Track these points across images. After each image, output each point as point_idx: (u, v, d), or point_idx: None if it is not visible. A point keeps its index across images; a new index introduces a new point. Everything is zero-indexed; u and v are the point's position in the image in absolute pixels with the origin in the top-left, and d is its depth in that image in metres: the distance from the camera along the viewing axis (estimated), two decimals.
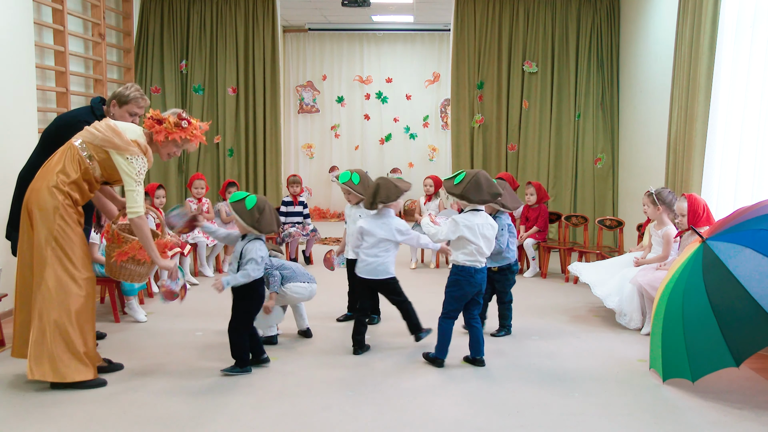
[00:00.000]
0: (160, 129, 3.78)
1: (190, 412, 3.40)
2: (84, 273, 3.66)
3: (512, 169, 8.07)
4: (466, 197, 4.00)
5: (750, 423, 3.34)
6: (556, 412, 3.45)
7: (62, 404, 3.47)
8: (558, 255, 7.12)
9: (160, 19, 8.08)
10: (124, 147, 3.64)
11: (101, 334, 4.55)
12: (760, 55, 4.98)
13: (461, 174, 4.06)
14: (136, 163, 3.66)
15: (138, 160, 3.67)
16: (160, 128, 3.78)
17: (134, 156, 3.66)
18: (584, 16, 7.96)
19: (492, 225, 4.09)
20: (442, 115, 11.20)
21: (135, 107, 4.22)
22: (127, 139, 3.66)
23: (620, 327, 4.94)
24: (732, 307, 3.46)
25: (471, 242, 4.00)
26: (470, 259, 4.02)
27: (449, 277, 4.12)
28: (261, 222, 3.87)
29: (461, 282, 4.05)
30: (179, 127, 3.82)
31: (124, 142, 3.65)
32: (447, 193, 4.12)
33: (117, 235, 3.89)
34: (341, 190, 5.00)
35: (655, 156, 6.71)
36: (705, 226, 4.36)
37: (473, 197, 3.99)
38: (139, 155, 3.67)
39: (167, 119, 3.81)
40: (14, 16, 5.23)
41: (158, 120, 3.80)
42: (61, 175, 3.61)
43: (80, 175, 3.65)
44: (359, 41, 11.22)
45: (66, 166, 3.63)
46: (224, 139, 8.24)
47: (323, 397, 3.62)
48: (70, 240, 3.62)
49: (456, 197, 4.07)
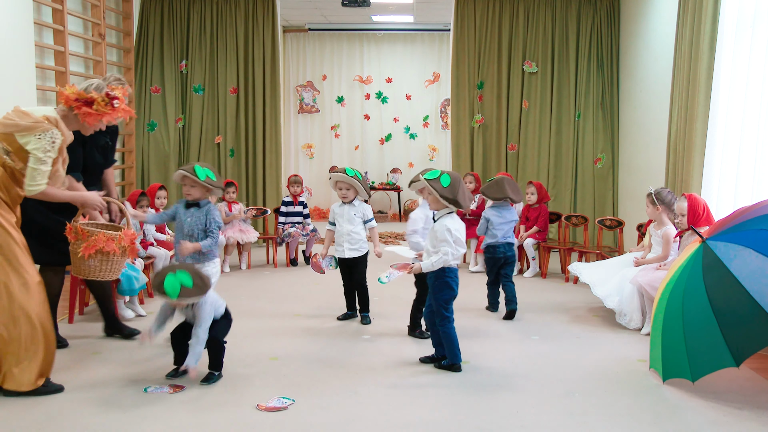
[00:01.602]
0: (88, 111, 3.61)
1: (189, 412, 3.40)
2: (35, 276, 3.58)
3: (512, 169, 8.07)
4: (455, 202, 3.88)
5: (750, 423, 3.34)
6: (556, 412, 3.45)
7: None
8: (558, 255, 7.12)
9: (160, 19, 8.08)
10: (31, 126, 3.45)
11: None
12: (760, 55, 4.98)
13: (445, 176, 3.90)
14: (46, 138, 3.46)
15: (48, 134, 3.47)
16: (91, 110, 3.61)
17: (45, 131, 3.46)
18: (584, 16, 7.96)
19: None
20: (442, 115, 11.21)
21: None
22: (35, 117, 3.49)
23: (620, 327, 4.94)
24: (732, 307, 3.46)
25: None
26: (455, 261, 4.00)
27: (434, 282, 4.01)
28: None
29: (451, 283, 4.01)
30: (111, 107, 3.65)
31: (32, 120, 3.47)
32: (432, 190, 3.90)
33: (81, 231, 3.82)
34: (340, 186, 5.00)
35: (655, 156, 6.71)
36: (705, 226, 4.36)
37: (463, 203, 3.90)
38: (49, 129, 3.48)
39: (96, 99, 3.62)
40: (14, 16, 5.22)
41: (86, 101, 3.62)
42: None
43: (2, 171, 3.48)
44: (359, 41, 11.23)
45: None
46: (225, 139, 8.24)
47: (323, 397, 3.62)
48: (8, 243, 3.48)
49: (444, 200, 3.88)
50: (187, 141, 8.25)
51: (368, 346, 4.50)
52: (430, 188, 3.89)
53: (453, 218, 3.96)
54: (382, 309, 5.29)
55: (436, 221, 3.99)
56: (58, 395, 3.58)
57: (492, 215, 5.37)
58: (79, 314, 5.13)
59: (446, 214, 3.96)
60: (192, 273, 3.57)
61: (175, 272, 3.54)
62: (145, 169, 8.11)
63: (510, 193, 5.42)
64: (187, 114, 8.23)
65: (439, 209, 3.98)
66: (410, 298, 4.74)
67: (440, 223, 3.94)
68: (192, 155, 8.23)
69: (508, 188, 5.44)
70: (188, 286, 3.53)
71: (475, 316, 5.25)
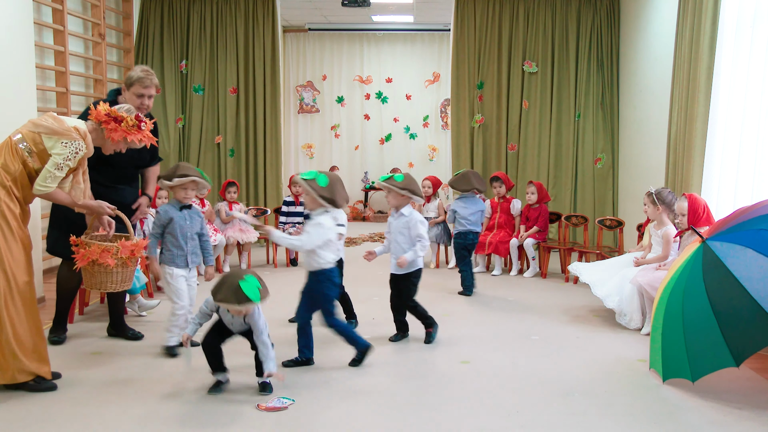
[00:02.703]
0: (116, 127, 3.76)
1: (189, 412, 3.41)
2: (23, 276, 3.58)
3: (512, 169, 8.08)
4: (333, 201, 3.99)
5: (750, 423, 3.34)
6: (556, 412, 3.45)
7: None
8: (558, 255, 7.12)
9: (160, 19, 8.09)
10: (61, 132, 3.58)
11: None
12: (760, 55, 4.98)
13: (322, 176, 4.00)
14: (71, 148, 3.58)
15: (73, 144, 3.59)
16: (117, 126, 3.76)
17: (71, 140, 3.59)
18: (584, 16, 7.96)
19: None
20: (442, 115, 11.21)
21: (140, 87, 4.31)
22: (66, 126, 3.62)
23: (620, 327, 4.94)
24: (732, 307, 3.46)
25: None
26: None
27: (319, 284, 4.03)
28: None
29: (335, 280, 4.10)
30: (137, 129, 3.82)
31: (63, 128, 3.60)
32: (310, 189, 3.95)
33: (81, 242, 3.89)
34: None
35: (655, 156, 6.71)
36: (705, 227, 4.35)
37: (340, 202, 4.03)
38: (76, 140, 3.60)
39: (126, 119, 3.79)
40: (14, 16, 5.22)
41: (115, 118, 3.77)
42: (2, 170, 3.52)
43: (21, 168, 3.56)
44: (359, 41, 11.23)
45: (7, 161, 3.54)
46: (225, 139, 8.24)
47: (323, 397, 3.62)
48: (8, 240, 3.52)
49: (322, 199, 3.96)
50: (187, 141, 8.25)
51: None
52: (306, 188, 3.95)
53: (327, 216, 4.01)
54: (382, 309, 5.28)
55: (312, 219, 4.04)
56: (58, 395, 3.58)
57: (459, 207, 6.08)
58: (79, 314, 5.13)
59: (322, 213, 4.02)
60: (258, 278, 3.52)
61: (244, 278, 3.45)
62: None
63: (476, 184, 6.12)
64: (187, 114, 8.24)
65: (315, 208, 4.03)
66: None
67: (316, 220, 4.01)
68: (192, 155, 8.23)
69: (474, 180, 6.13)
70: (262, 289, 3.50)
71: (475, 316, 5.25)
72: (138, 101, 4.30)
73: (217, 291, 3.47)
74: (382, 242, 8.78)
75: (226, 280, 3.47)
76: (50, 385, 3.64)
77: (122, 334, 4.61)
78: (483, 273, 6.86)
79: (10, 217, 3.52)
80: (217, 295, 3.46)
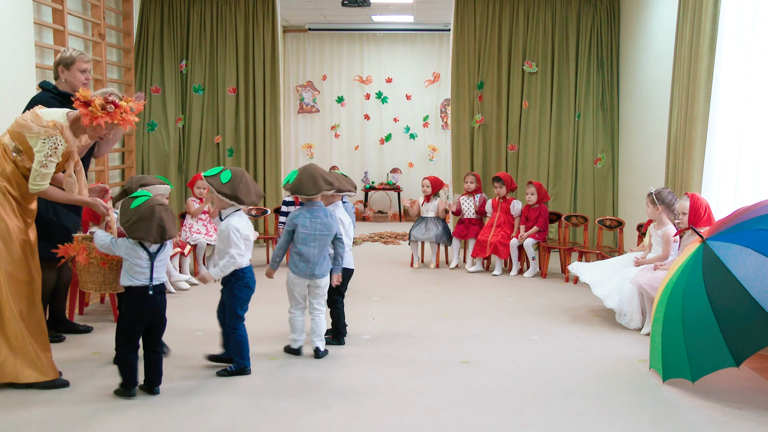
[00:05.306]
0: (86, 112, 3.62)
1: (188, 411, 3.41)
2: (22, 275, 3.59)
3: (512, 169, 8.07)
4: (236, 198, 3.74)
5: (750, 423, 3.34)
6: (556, 412, 3.46)
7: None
8: (558, 255, 7.12)
9: (160, 19, 8.08)
10: (37, 130, 3.55)
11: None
12: (760, 55, 4.98)
13: (226, 172, 3.76)
14: (49, 143, 3.56)
15: (51, 140, 3.56)
16: (86, 111, 3.62)
17: (49, 137, 3.57)
18: (584, 16, 7.96)
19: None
20: (442, 115, 11.21)
21: (83, 63, 4.37)
22: (44, 122, 3.58)
23: (620, 327, 4.94)
24: (732, 307, 3.46)
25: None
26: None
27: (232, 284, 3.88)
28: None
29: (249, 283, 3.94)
30: (105, 111, 3.63)
31: (39, 124, 3.57)
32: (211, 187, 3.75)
33: (75, 239, 3.86)
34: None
35: (655, 156, 6.71)
36: (705, 227, 4.36)
37: (246, 199, 3.77)
38: (53, 135, 3.57)
39: (93, 101, 3.62)
40: (14, 16, 5.22)
41: (85, 102, 3.65)
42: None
43: (13, 168, 3.57)
44: (359, 41, 11.22)
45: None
46: (224, 139, 8.24)
47: (323, 397, 3.62)
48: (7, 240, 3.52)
49: (222, 196, 3.74)
50: (187, 141, 8.25)
51: (368, 346, 4.50)
52: (208, 186, 3.77)
53: (240, 216, 3.82)
54: (382, 309, 5.29)
55: (223, 220, 3.82)
56: (57, 395, 3.58)
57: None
58: (79, 314, 5.13)
59: (232, 212, 3.81)
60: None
61: (133, 198, 3.50)
62: (145, 169, 8.10)
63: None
64: (187, 114, 8.24)
65: (225, 208, 3.82)
66: (412, 299, 4.73)
67: (226, 222, 3.79)
68: (192, 155, 8.23)
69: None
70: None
71: (475, 316, 5.25)
72: (83, 77, 4.36)
73: (136, 230, 3.42)
74: (383, 242, 8.89)
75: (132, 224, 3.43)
76: (62, 381, 3.67)
77: (72, 329, 4.64)
78: (483, 273, 6.86)
79: (8, 218, 3.53)
80: (137, 232, 3.42)
